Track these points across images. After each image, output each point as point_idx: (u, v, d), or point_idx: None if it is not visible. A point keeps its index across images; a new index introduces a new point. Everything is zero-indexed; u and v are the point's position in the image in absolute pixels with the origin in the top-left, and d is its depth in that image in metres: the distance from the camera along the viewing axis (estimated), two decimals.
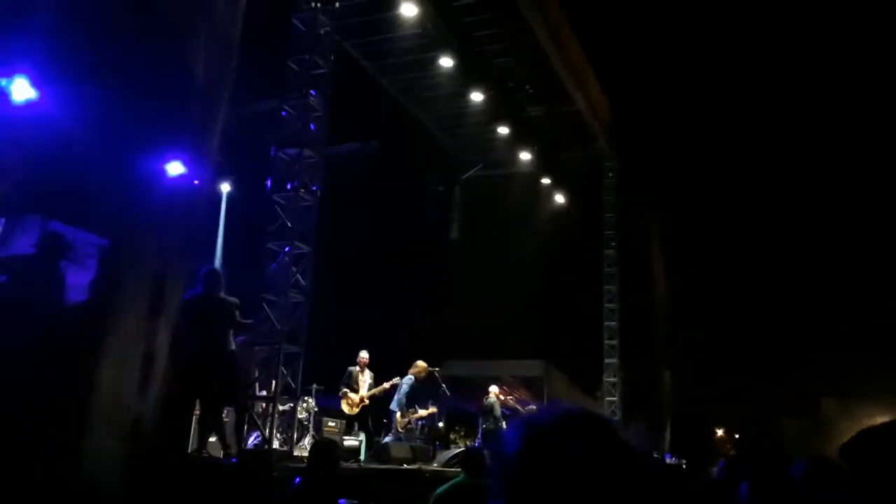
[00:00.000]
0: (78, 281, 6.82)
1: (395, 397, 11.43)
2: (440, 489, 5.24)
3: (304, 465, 6.11)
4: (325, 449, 5.47)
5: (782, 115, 26.89)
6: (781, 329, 29.98)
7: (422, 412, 11.96)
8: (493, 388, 13.46)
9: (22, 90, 6.20)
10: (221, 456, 7.77)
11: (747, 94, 27.12)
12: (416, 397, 11.63)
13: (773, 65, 26.37)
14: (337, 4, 10.03)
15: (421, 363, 12.12)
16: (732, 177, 28.78)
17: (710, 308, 28.13)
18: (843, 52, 24.87)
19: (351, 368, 10.92)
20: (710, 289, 28.03)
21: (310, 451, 5.81)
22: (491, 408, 13.27)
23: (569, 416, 1.13)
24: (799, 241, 28.38)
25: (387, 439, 10.92)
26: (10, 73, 6.03)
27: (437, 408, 14.98)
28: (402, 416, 11.41)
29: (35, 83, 6.15)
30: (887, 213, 25.05)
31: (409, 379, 11.50)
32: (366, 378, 10.77)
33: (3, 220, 6.32)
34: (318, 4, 9.68)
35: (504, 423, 13.45)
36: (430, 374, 11.91)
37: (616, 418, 17.87)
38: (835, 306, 27.86)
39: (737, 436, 37.63)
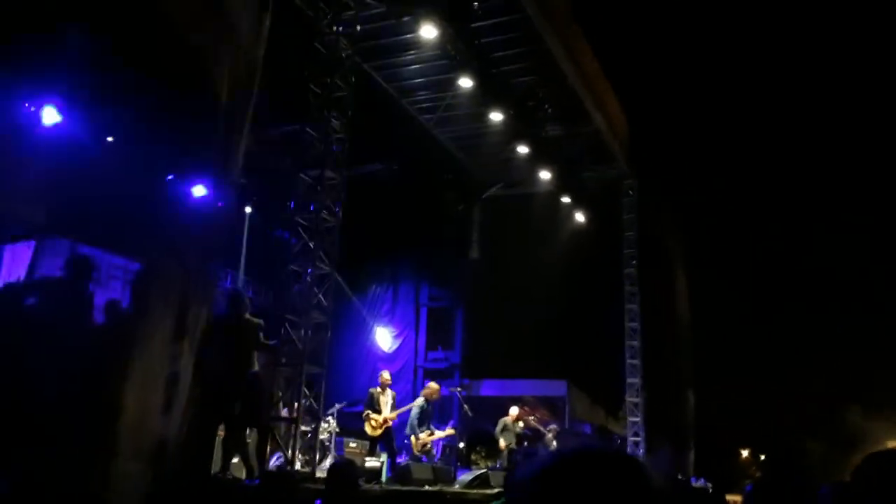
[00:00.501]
0: (104, 303, 6.91)
1: (407, 421, 11.46)
2: None
3: (323, 486, 6.09)
4: (344, 470, 5.46)
5: (807, 132, 26.70)
6: (806, 348, 29.55)
7: (439, 433, 11.92)
8: (513, 410, 13.43)
9: (50, 117, 6.32)
10: (244, 477, 7.79)
11: (769, 111, 26.98)
12: (427, 418, 11.61)
13: (795, 80, 26.23)
14: (358, 28, 10.15)
15: (433, 384, 12.17)
16: (754, 194, 28.59)
17: (733, 327, 27.84)
18: (863, 69, 24.70)
19: (372, 390, 10.92)
20: (733, 307, 27.76)
21: (328, 472, 5.80)
22: (504, 428, 13.23)
23: (585, 458, 1.13)
24: (826, 260, 28.05)
25: (401, 459, 10.86)
26: (40, 100, 6.16)
27: (458, 428, 14.94)
28: (417, 438, 11.38)
29: (62, 109, 6.27)
30: None
31: (419, 401, 11.53)
32: (387, 399, 10.76)
33: (33, 243, 6.46)
34: (340, 28, 9.79)
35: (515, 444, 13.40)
36: (438, 395, 12.01)
37: (639, 440, 17.67)
38: (862, 325, 27.45)
39: (762, 457, 37.03)
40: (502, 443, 13.19)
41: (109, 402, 5.26)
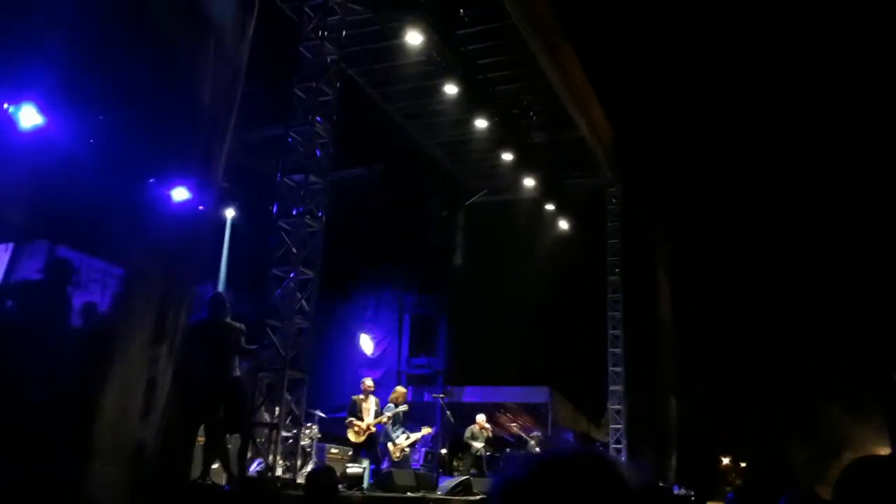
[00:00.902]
0: (83, 306, 6.83)
1: (385, 430, 11.48)
2: None
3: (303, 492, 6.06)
4: (323, 476, 5.43)
5: (791, 140, 26.97)
6: (788, 354, 29.80)
7: (415, 435, 11.90)
8: (479, 418, 13.42)
9: (30, 117, 6.26)
10: (224, 483, 7.72)
11: (753, 120, 27.23)
12: (399, 423, 11.62)
13: (779, 88, 26.51)
14: (343, 33, 10.15)
15: (398, 388, 12.24)
16: (737, 202, 28.82)
17: (715, 334, 28.02)
18: (845, 75, 25.00)
19: (355, 397, 10.90)
20: (715, 315, 27.95)
21: (307, 479, 5.77)
22: (472, 434, 13.21)
23: (563, 460, 1.15)
24: (808, 265, 28.32)
25: (384, 465, 10.85)
26: (18, 100, 6.10)
27: (440, 434, 14.92)
28: (394, 444, 11.38)
29: (43, 110, 6.21)
30: None
31: (389, 406, 11.52)
32: (370, 405, 10.74)
33: (11, 245, 6.36)
34: (325, 33, 9.79)
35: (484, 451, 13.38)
36: (404, 397, 12.12)
37: (621, 447, 17.72)
38: (845, 330, 27.73)
39: (743, 464, 37.28)
40: (476, 446, 13.15)
41: (88, 406, 5.21)
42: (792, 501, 2.76)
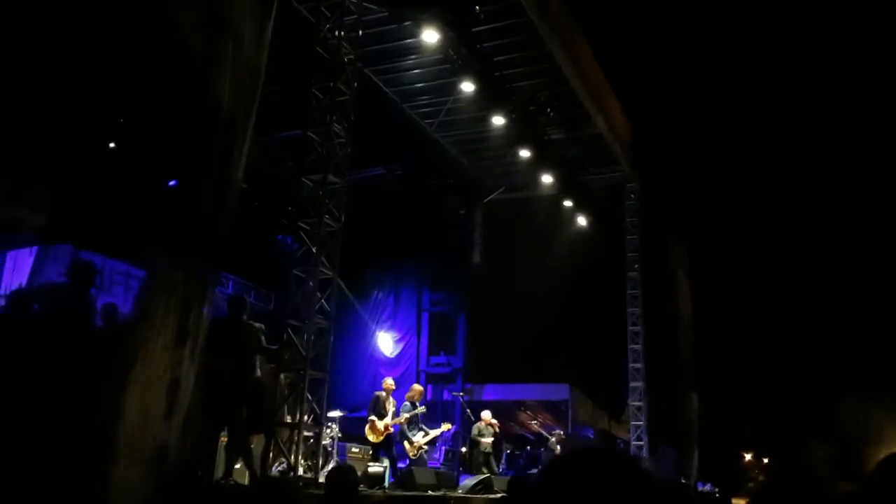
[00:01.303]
0: (106, 308, 6.90)
1: (401, 429, 11.47)
2: None
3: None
4: (343, 475, 5.43)
5: (811, 135, 26.70)
6: (809, 350, 29.50)
7: (434, 432, 11.89)
8: (485, 414, 13.28)
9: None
10: (247, 483, 7.76)
11: (773, 114, 26.97)
12: (416, 421, 11.59)
13: (797, 82, 26.23)
14: (360, 33, 10.16)
15: (415, 386, 12.20)
16: (755, 197, 28.57)
17: (736, 329, 27.81)
18: (859, 75, 24.70)
19: (378, 393, 10.91)
20: (736, 310, 27.73)
21: (327, 478, 5.77)
22: (479, 432, 13.07)
23: (587, 457, 1.17)
24: (830, 261, 28.02)
25: (401, 465, 10.84)
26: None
27: (460, 432, 14.91)
28: (411, 443, 11.37)
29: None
30: None
31: (406, 405, 11.48)
32: (391, 405, 10.75)
33: (36, 249, 6.45)
34: (342, 32, 9.80)
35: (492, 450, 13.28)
36: (421, 395, 12.02)
37: (642, 444, 17.62)
38: (863, 325, 27.41)
39: (765, 460, 36.95)
40: (485, 442, 13.00)
41: (111, 407, 5.24)
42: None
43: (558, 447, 14.61)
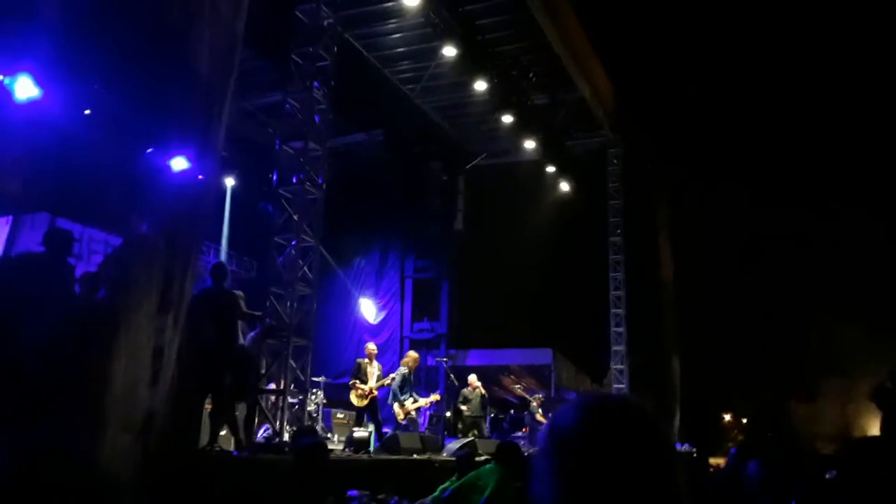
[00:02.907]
0: (86, 276, 6.85)
1: (390, 391, 11.56)
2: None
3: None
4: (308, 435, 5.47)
5: (791, 99, 26.77)
6: (787, 313, 29.95)
7: (423, 400, 11.99)
8: (471, 378, 13.40)
9: (25, 88, 6.20)
10: (233, 449, 7.82)
11: (754, 78, 26.98)
12: (408, 386, 11.69)
13: (780, 48, 26.20)
14: None
15: (412, 353, 12.28)
16: (738, 161, 28.69)
17: (716, 292, 28.12)
18: (845, 31, 24.71)
19: (360, 360, 10.96)
20: (716, 273, 28.02)
21: (298, 452, 5.80)
22: (464, 397, 13.22)
23: (625, 405, 1.18)
24: (807, 227, 28.31)
25: (386, 430, 10.93)
26: (13, 72, 6.03)
27: (444, 397, 15.05)
28: (401, 406, 11.46)
29: (39, 81, 6.15)
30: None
31: (400, 370, 11.58)
32: (374, 370, 10.81)
33: (11, 218, 6.36)
34: None
35: (486, 412, 13.44)
36: (417, 363, 12.10)
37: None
38: (842, 291, 27.83)
39: (744, 420, 37.67)
40: (467, 409, 13.15)
41: (96, 376, 5.24)
42: (761, 469, 2.79)
43: (539, 410, 14.78)
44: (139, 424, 5.39)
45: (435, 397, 12.55)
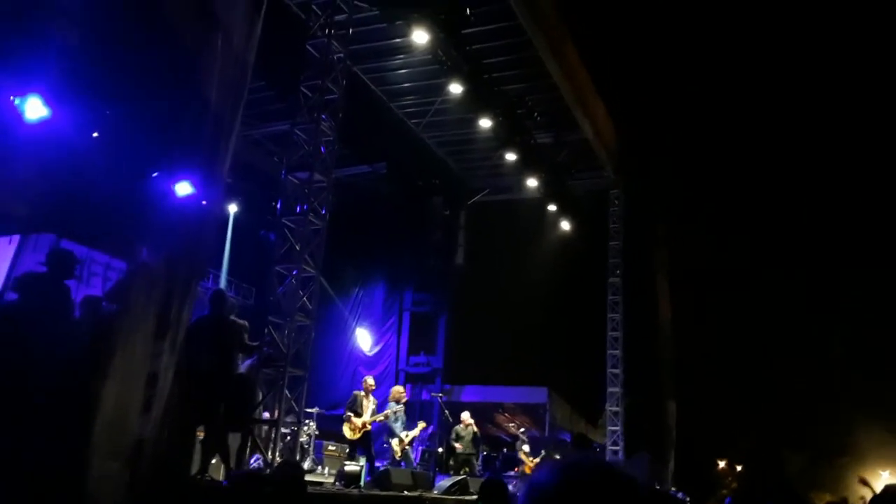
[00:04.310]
0: (85, 299, 6.84)
1: (387, 427, 11.48)
2: None
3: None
4: (291, 470, 5.43)
5: (791, 146, 27.00)
6: (784, 361, 29.84)
7: (413, 432, 11.94)
8: (464, 416, 13.33)
9: (35, 109, 6.25)
10: (223, 478, 7.73)
11: (754, 124, 27.25)
12: (402, 420, 11.67)
13: (781, 93, 26.51)
14: (350, 31, 10.14)
15: (396, 387, 12.25)
16: (739, 207, 28.84)
17: (713, 339, 28.05)
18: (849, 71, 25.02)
19: (356, 392, 10.89)
20: (715, 318, 27.98)
21: (275, 473, 5.75)
22: (456, 434, 13.13)
23: (603, 469, 1.18)
24: (807, 271, 28.37)
25: (379, 464, 10.83)
26: (23, 92, 6.09)
27: (437, 433, 14.94)
28: (399, 443, 11.40)
29: (48, 102, 6.21)
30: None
31: (397, 407, 11.53)
32: (370, 403, 10.73)
33: (17, 237, 6.38)
34: (332, 31, 9.78)
35: (477, 450, 13.33)
36: (404, 395, 12.14)
37: (618, 449, 17.73)
38: (840, 335, 27.79)
39: (738, 468, 37.26)
40: (459, 446, 13.06)
41: (89, 400, 5.20)
42: None
43: (525, 447, 14.59)
44: (128, 451, 5.33)
45: (422, 424, 12.48)
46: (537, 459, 13.80)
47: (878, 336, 26.27)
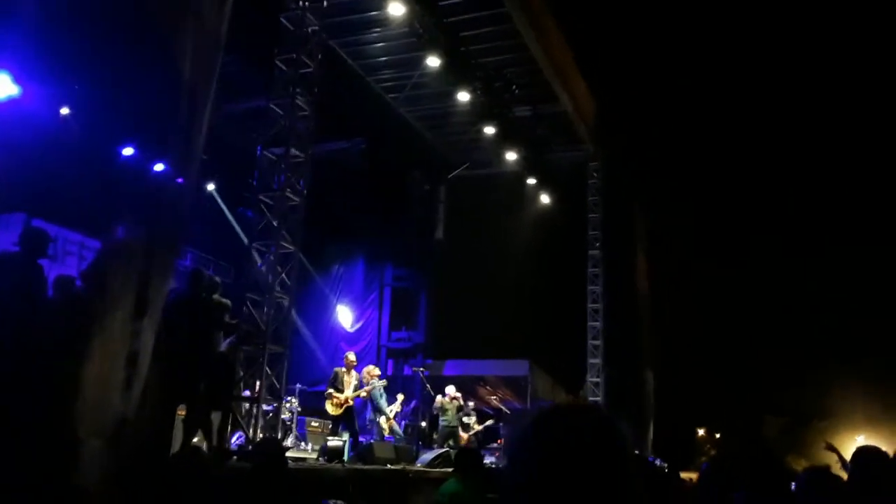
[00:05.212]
0: (60, 278, 6.76)
1: (371, 404, 11.57)
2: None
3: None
4: (270, 446, 5.45)
5: (773, 116, 27.16)
6: (761, 329, 30.28)
7: (394, 407, 12.06)
8: (449, 389, 13.44)
9: (4, 86, 6.13)
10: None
11: (733, 95, 27.35)
12: (384, 396, 11.78)
13: (761, 65, 26.60)
14: (325, 3, 10.00)
15: (373, 368, 12.28)
16: (716, 178, 29.04)
17: (691, 308, 28.38)
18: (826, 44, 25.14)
19: (337, 369, 10.91)
20: (692, 288, 28.29)
21: (253, 450, 5.76)
22: (441, 407, 13.27)
23: (577, 409, 1.18)
24: (785, 244, 28.71)
25: (363, 439, 10.91)
26: None
27: (420, 408, 15.05)
28: (387, 420, 11.50)
29: (18, 80, 6.08)
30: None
31: (379, 383, 11.60)
32: (351, 379, 10.76)
33: None
34: (306, 3, 9.63)
35: (461, 421, 13.46)
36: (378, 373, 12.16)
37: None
38: (818, 303, 28.22)
39: (717, 435, 37.92)
40: (444, 419, 13.21)
41: (68, 379, 5.16)
42: (811, 479, 2.81)
43: (469, 418, 14.59)
44: (111, 430, 5.31)
45: (400, 397, 12.62)
46: (479, 427, 13.90)
47: (857, 301, 26.73)
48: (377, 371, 12.00)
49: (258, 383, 8.62)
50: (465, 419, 13.62)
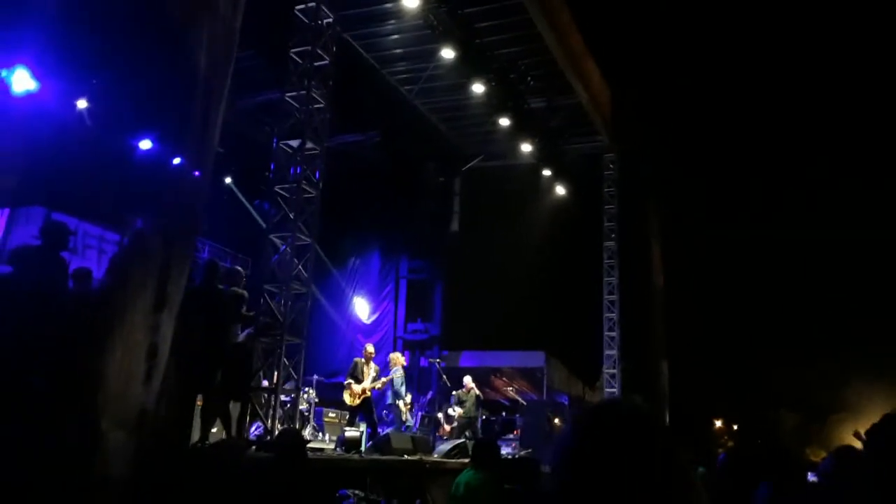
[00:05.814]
0: (80, 272, 6.84)
1: (390, 391, 11.70)
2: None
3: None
4: (291, 437, 5.50)
5: (785, 107, 26.88)
6: (778, 321, 30.07)
7: (408, 398, 12.26)
8: (466, 380, 13.48)
9: (23, 81, 6.19)
10: None
11: (750, 88, 27.11)
12: (404, 383, 11.98)
13: (776, 54, 26.33)
14: None
15: (398, 355, 12.42)
16: (732, 168, 28.82)
17: (708, 299, 28.23)
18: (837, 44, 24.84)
19: (357, 359, 10.98)
20: (708, 279, 28.14)
21: (276, 440, 5.82)
22: (458, 399, 13.33)
23: (617, 407, 1.18)
24: (801, 235, 28.45)
25: (388, 430, 11.00)
26: (10, 64, 6.03)
27: (431, 394, 15.15)
28: (405, 404, 11.66)
29: (36, 75, 6.14)
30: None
31: (400, 371, 11.74)
32: (370, 370, 10.82)
33: (7, 211, 6.36)
34: None
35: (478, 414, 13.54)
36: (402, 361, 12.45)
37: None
38: (834, 299, 27.97)
39: (735, 427, 37.76)
40: (458, 411, 13.26)
41: (90, 372, 5.23)
42: (837, 460, 2.79)
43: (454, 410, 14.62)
44: (133, 421, 5.38)
45: (408, 396, 12.80)
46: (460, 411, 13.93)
47: (875, 293, 26.47)
48: (402, 360, 12.16)
49: (276, 374, 8.69)
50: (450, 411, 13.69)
